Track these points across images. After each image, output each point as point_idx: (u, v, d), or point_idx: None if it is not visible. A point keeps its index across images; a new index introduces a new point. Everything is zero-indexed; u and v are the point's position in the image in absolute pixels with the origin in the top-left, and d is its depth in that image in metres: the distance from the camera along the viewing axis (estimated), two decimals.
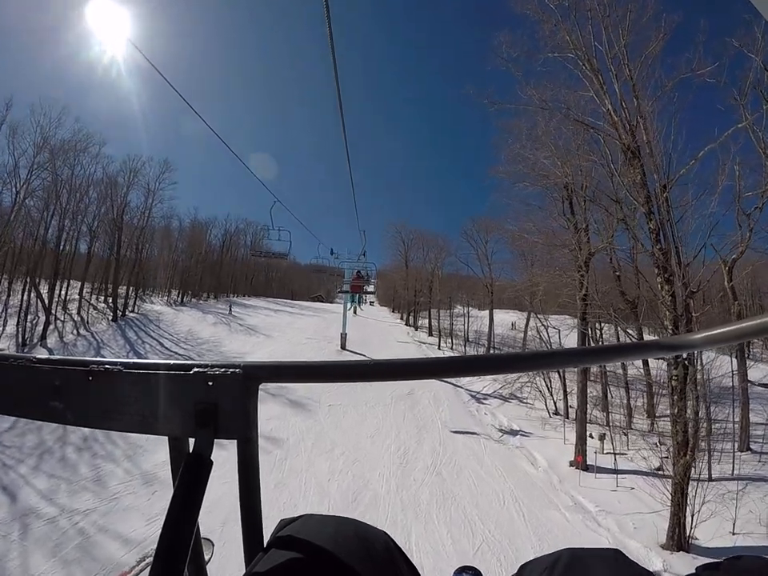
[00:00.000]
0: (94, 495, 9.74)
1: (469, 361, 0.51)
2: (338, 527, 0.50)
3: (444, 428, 14.35)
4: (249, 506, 0.51)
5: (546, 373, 18.39)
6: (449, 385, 19.47)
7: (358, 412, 14.74)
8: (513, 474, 11.82)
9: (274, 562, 0.43)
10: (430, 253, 35.74)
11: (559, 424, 16.97)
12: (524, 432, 15.73)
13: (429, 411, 15.69)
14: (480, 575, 1.28)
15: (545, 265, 17.04)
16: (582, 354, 0.68)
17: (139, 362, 0.50)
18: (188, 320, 31.88)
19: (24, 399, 0.52)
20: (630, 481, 12.62)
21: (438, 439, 13.42)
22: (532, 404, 18.45)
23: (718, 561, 0.47)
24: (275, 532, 0.51)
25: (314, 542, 0.46)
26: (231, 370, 0.47)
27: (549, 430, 16.44)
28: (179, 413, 0.47)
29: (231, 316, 33.11)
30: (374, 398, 16.16)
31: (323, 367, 0.51)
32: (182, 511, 0.41)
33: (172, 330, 29.56)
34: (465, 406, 17.15)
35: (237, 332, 29.37)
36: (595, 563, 0.49)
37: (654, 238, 8.88)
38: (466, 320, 32.43)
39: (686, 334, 0.53)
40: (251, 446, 0.49)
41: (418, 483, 10.33)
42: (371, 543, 0.49)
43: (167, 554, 0.39)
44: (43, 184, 29.16)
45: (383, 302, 60.82)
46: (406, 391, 17.49)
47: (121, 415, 0.49)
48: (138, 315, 33.45)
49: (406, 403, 16.13)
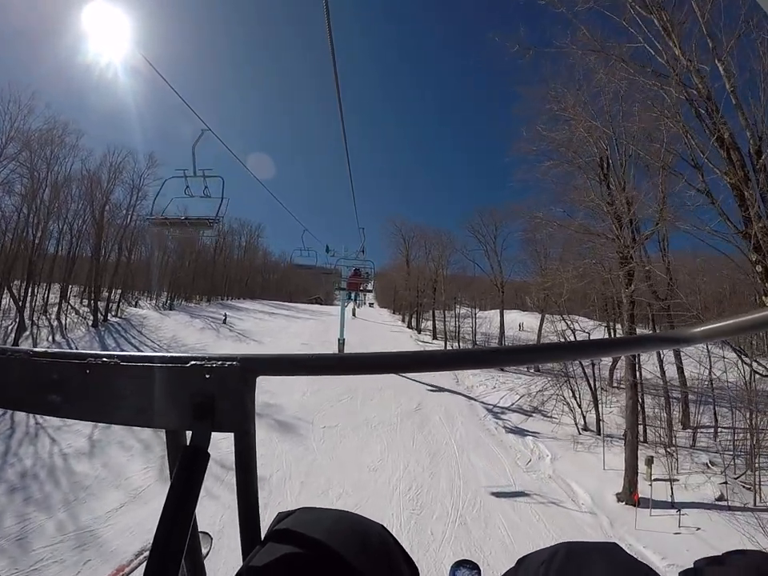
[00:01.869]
0: (10, 564, 7.34)
1: (466, 354, 0.58)
2: (334, 520, 0.49)
3: (461, 454, 11.96)
4: (246, 500, 0.50)
5: (572, 382, 16.05)
6: (461, 397, 17.11)
7: (358, 435, 12.34)
8: (552, 516, 9.45)
9: (271, 555, 0.43)
10: (433, 250, 33.33)
11: (592, 442, 14.63)
12: (554, 455, 13.34)
13: (442, 432, 13.31)
14: (478, 568, 1.21)
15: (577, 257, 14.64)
16: (581, 347, 0.61)
17: (136, 355, 0.49)
18: (173, 325, 29.47)
19: (22, 393, 0.52)
20: (693, 518, 10.29)
21: (455, 470, 11.04)
22: (557, 419, 16.05)
23: (719, 555, 0.46)
24: (272, 525, 0.50)
25: (311, 534, 0.45)
26: (228, 362, 0.46)
27: (581, 450, 14.06)
28: (176, 406, 0.47)
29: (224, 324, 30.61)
30: (377, 417, 13.78)
31: (320, 359, 0.50)
32: (179, 505, 0.41)
33: (155, 335, 27.17)
34: (482, 423, 14.77)
35: (225, 338, 26.98)
36: (593, 556, 0.48)
37: (755, 214, 6.54)
38: (473, 322, 30.02)
39: (685, 328, 0.51)
40: (249, 439, 0.48)
41: (438, 540, 7.93)
42: (367, 536, 0.48)
43: (164, 548, 0.38)
44: (17, 178, 26.87)
45: (383, 304, 58.71)
46: (414, 406, 15.12)
47: (118, 408, 0.48)
48: (121, 320, 31.06)
49: (414, 422, 13.75)
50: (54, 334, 27.35)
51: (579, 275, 13.74)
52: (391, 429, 12.98)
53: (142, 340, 26.38)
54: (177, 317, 32.16)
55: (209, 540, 1.35)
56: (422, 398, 16.23)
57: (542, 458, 13.10)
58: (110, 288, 32.88)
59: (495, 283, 27.78)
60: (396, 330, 35.12)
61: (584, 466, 12.86)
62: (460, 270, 32.70)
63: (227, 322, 31.16)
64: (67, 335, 27.68)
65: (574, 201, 12.87)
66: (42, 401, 0.50)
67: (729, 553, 0.46)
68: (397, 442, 12.04)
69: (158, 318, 31.44)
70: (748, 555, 0.45)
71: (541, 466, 12.56)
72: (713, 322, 0.48)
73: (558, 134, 13.00)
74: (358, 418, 13.51)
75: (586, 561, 0.47)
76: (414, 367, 0.52)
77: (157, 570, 0.37)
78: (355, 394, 15.87)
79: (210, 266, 50.08)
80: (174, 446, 0.51)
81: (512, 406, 16.82)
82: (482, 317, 33.73)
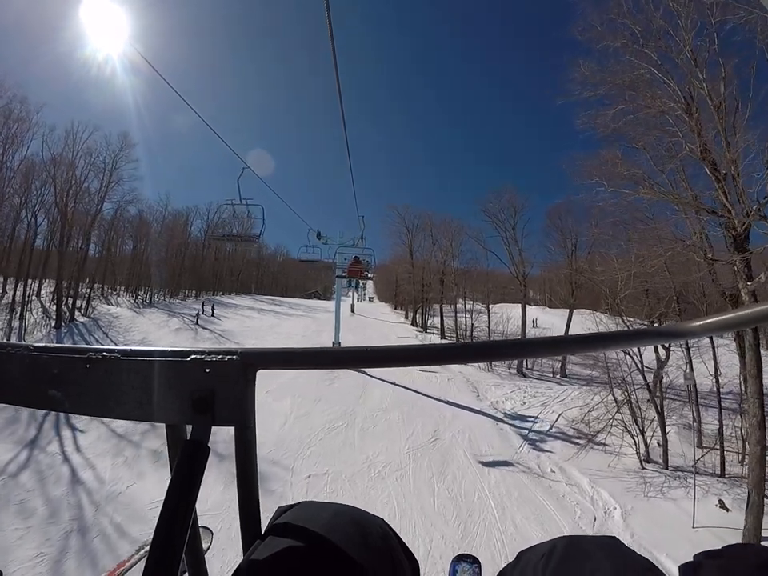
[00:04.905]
0: None
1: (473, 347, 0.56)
2: (335, 514, 0.49)
3: (503, 516, 8.43)
4: (247, 494, 0.49)
5: (633, 401, 12.49)
6: (486, 419, 13.57)
7: (356, 490, 8.77)
8: None
9: (272, 549, 0.42)
10: (441, 239, 29.56)
11: (662, 481, 11.15)
12: (623, 507, 9.84)
13: (470, 477, 9.80)
14: (478, 563, 1.17)
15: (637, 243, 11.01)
16: (579, 340, 0.58)
17: (136, 349, 0.49)
18: (146, 325, 25.85)
19: (23, 388, 0.51)
20: None
21: (500, 547, 7.53)
22: (611, 446, 12.52)
23: (719, 548, 0.45)
24: (273, 519, 0.50)
25: (311, 528, 0.45)
26: (229, 356, 0.46)
27: (653, 494, 10.57)
28: (177, 400, 0.46)
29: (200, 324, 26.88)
30: (382, 455, 10.24)
31: (321, 354, 0.50)
32: (180, 499, 0.41)
33: (122, 338, 23.57)
34: (518, 458, 11.25)
35: (203, 340, 23.39)
36: (593, 550, 0.47)
37: None
38: (488, 318, 26.40)
39: (685, 322, 0.50)
40: (249, 433, 0.48)
41: None
42: (368, 530, 0.48)
43: (164, 543, 0.38)
44: None
45: (383, 298, 55.35)
46: (429, 436, 11.59)
47: (118, 403, 0.48)
48: (89, 320, 27.43)
49: (431, 462, 10.23)
50: (8, 336, 23.78)
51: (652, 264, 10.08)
52: (402, 476, 9.46)
53: (106, 343, 22.74)
54: (152, 315, 28.55)
55: (209, 535, 1.26)
56: (437, 421, 12.71)
57: (609, 514, 9.59)
58: (77, 283, 29.24)
59: (516, 275, 24.04)
60: (398, 327, 31.53)
61: (665, 522, 9.36)
62: (471, 260, 28.97)
63: (205, 312, 27.52)
64: (25, 338, 24.15)
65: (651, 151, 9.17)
66: (42, 396, 0.49)
67: (728, 546, 0.45)
68: (411, 500, 8.50)
69: (131, 317, 27.81)
70: (747, 548, 0.44)
71: (611, 525, 9.07)
72: (713, 316, 0.47)
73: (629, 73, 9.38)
74: (357, 457, 9.99)
75: (586, 554, 0.46)
76: (416, 360, 0.49)
77: (157, 564, 0.37)
78: (352, 418, 12.34)
79: (198, 258, 46.44)
80: (174, 441, 0.50)
81: (551, 430, 13.30)
82: (494, 312, 30.15)
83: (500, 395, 15.94)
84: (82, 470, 10.20)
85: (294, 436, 10.79)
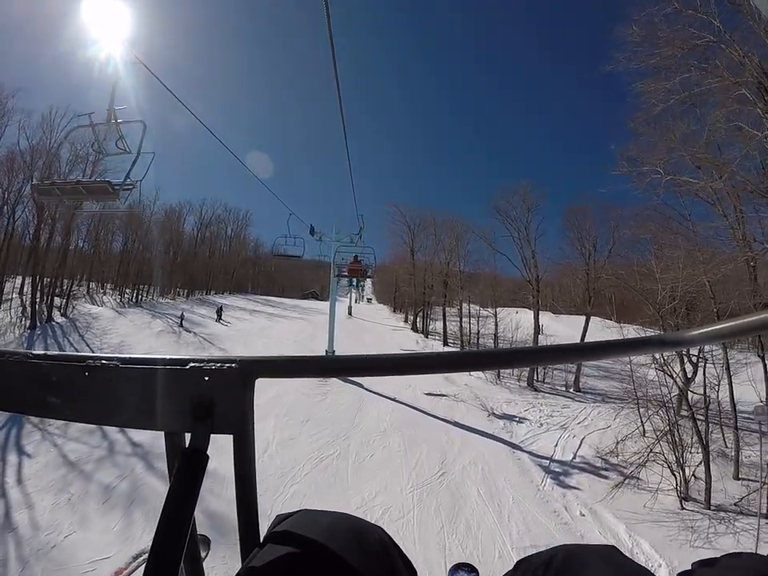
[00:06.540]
0: None
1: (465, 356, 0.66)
2: (333, 522, 0.49)
3: None
4: (245, 501, 0.49)
5: (674, 432, 10.75)
6: (501, 445, 11.83)
7: None
8: None
9: (270, 557, 0.42)
10: (446, 238, 27.78)
11: (705, 526, 9.44)
12: (668, 560, 8.10)
13: (487, 524, 8.06)
14: (476, 572, 1.18)
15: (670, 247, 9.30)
16: (578, 349, 0.59)
17: (135, 357, 0.48)
18: (127, 327, 24.00)
19: (22, 395, 0.51)
20: None
21: None
22: (645, 481, 10.78)
23: (716, 557, 0.45)
24: (272, 527, 0.49)
25: (310, 536, 0.45)
26: (227, 364, 0.46)
27: (699, 543, 8.87)
28: (175, 408, 0.46)
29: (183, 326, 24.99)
30: (380, 496, 8.48)
31: (320, 362, 0.49)
32: (178, 507, 0.40)
33: (98, 341, 21.72)
34: (543, 499, 9.52)
35: (186, 345, 21.55)
36: (592, 559, 0.47)
37: None
38: (495, 324, 24.67)
39: (684, 330, 0.50)
40: (248, 440, 0.48)
41: None
42: (366, 538, 0.48)
43: (162, 551, 0.38)
44: None
45: (382, 300, 53.59)
46: (436, 469, 9.84)
47: (117, 411, 0.48)
48: (68, 321, 25.55)
49: (440, 504, 8.48)
50: None
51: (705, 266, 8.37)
52: (404, 526, 7.71)
53: (81, 347, 20.91)
54: (135, 316, 26.68)
55: (207, 543, 1.12)
56: (444, 448, 10.97)
57: (654, 570, 7.88)
58: (57, 281, 27.38)
59: (528, 279, 22.30)
60: (398, 332, 29.75)
61: None
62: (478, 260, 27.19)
63: (184, 323, 25.48)
64: None
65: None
66: (41, 403, 0.49)
67: (726, 555, 0.45)
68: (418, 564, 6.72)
69: (112, 317, 25.94)
70: (744, 557, 0.44)
71: None
72: (712, 325, 0.47)
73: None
74: (349, 499, 8.22)
75: (585, 563, 0.46)
76: (415, 369, 0.49)
77: (155, 572, 0.37)
78: (346, 444, 10.57)
79: (191, 256, 44.66)
80: (173, 448, 0.50)
81: (575, 460, 11.57)
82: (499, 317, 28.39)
83: (513, 415, 14.21)
84: (18, 509, 8.41)
85: (275, 469, 9.02)
